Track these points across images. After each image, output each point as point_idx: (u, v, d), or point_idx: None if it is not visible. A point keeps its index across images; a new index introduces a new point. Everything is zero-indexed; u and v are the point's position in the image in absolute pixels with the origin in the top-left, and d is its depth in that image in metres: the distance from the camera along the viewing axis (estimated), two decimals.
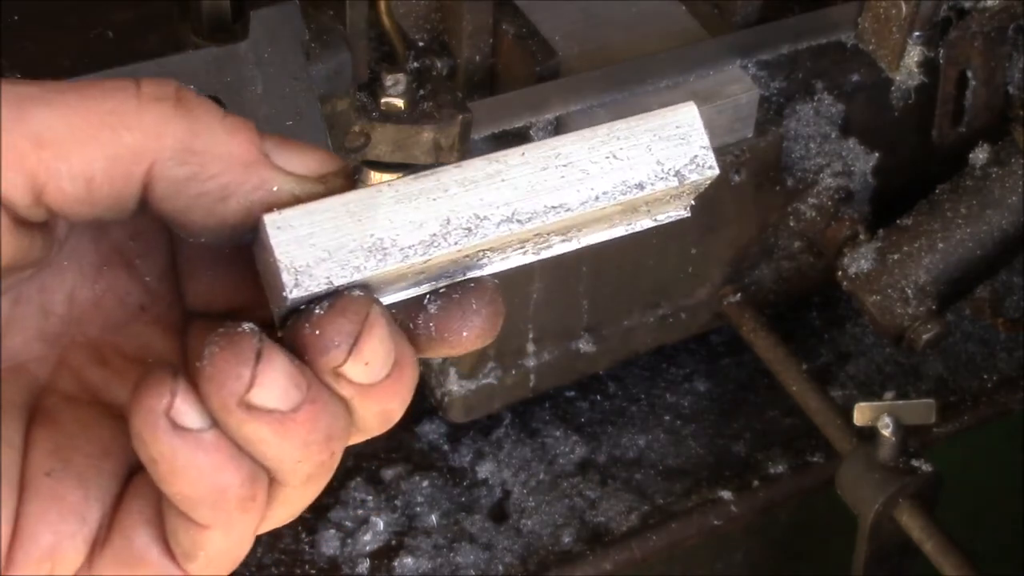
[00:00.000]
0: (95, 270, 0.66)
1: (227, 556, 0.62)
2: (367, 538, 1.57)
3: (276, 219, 0.60)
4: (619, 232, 0.70)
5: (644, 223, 0.70)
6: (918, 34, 1.58)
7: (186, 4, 1.20)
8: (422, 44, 1.50)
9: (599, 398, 1.71)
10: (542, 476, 1.63)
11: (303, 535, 1.57)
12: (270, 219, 0.60)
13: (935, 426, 1.59)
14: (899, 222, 1.59)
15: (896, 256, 1.56)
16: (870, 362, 1.75)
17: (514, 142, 1.52)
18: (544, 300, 1.54)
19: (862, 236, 1.59)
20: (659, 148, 0.66)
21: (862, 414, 1.47)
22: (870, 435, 1.48)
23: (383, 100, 1.34)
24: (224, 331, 0.59)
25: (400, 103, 1.34)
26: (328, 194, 0.61)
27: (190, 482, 0.59)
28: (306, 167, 0.62)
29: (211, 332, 0.60)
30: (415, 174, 0.63)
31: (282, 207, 0.61)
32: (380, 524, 1.57)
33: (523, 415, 1.67)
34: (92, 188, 0.58)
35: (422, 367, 1.56)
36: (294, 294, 0.60)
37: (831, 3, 1.64)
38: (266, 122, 1.20)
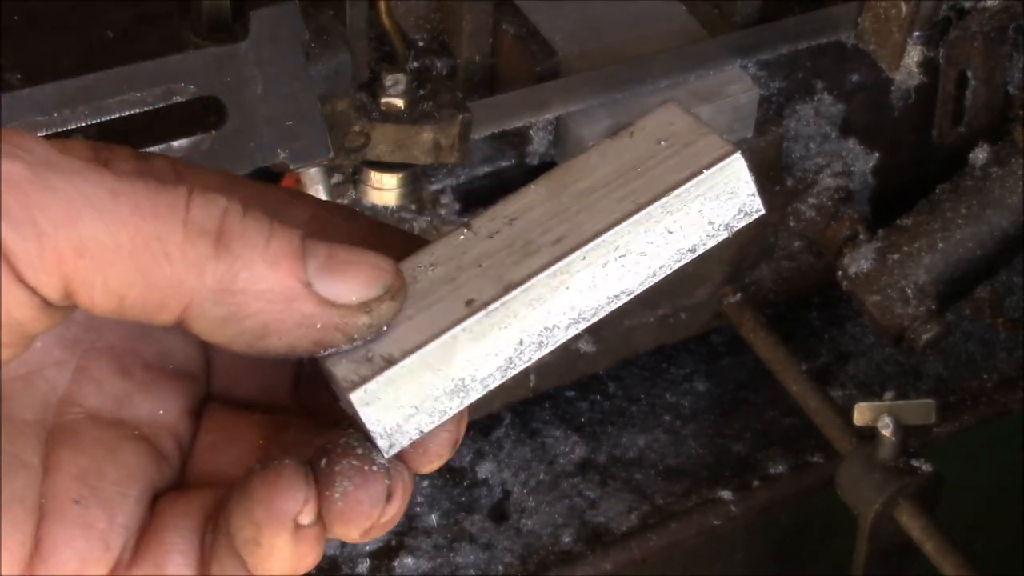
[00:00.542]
0: None
1: None
2: None
3: (362, 396, 0.62)
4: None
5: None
6: (918, 34, 1.58)
7: (186, 4, 1.20)
8: (422, 44, 1.49)
9: (599, 398, 1.71)
10: (542, 476, 1.63)
11: None
12: (357, 397, 0.62)
13: (935, 426, 1.59)
14: (899, 222, 1.59)
15: (896, 256, 1.56)
16: (870, 362, 1.75)
17: (514, 142, 1.53)
18: None
19: (862, 236, 1.59)
20: (710, 209, 0.67)
21: (862, 414, 1.47)
22: (870, 435, 1.48)
23: (383, 100, 1.34)
24: (358, 466, 0.62)
25: (400, 103, 1.34)
26: (374, 325, 0.62)
27: (282, 564, 0.62)
28: (352, 294, 0.61)
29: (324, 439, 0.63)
30: (485, 310, 0.63)
31: (326, 344, 0.61)
32: None
33: (523, 415, 1.67)
34: (124, 305, 0.58)
35: None
36: (391, 453, 0.63)
37: (831, 3, 1.64)
38: (266, 122, 1.20)
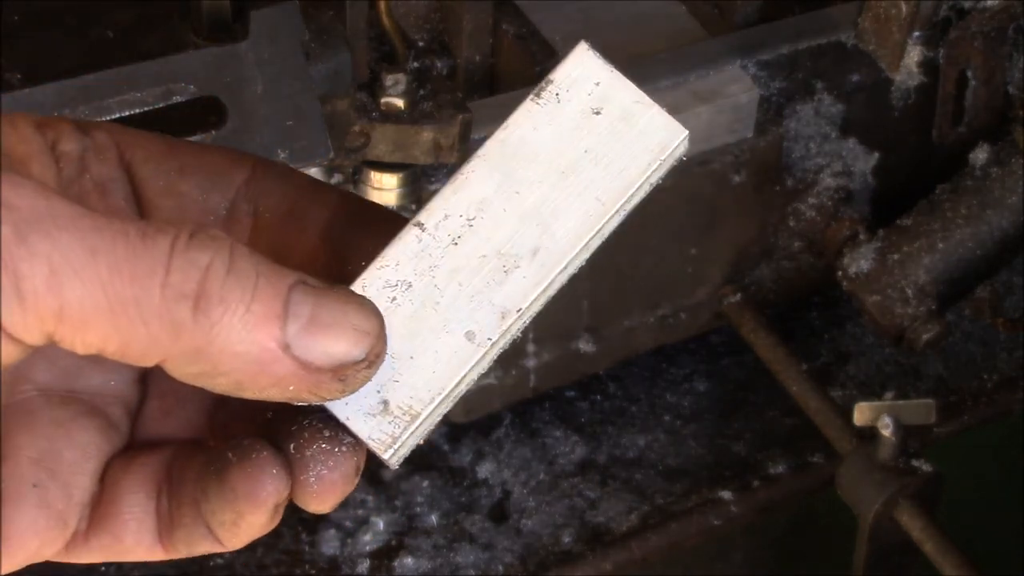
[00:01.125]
0: None
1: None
2: (367, 538, 1.57)
3: (394, 452, 0.62)
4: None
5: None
6: (918, 34, 1.58)
7: (186, 4, 1.20)
8: (422, 44, 1.50)
9: (599, 398, 1.71)
10: (542, 476, 1.63)
11: (303, 535, 1.57)
12: (389, 455, 0.62)
13: (935, 426, 1.59)
14: (899, 222, 1.59)
15: (896, 256, 1.56)
16: (870, 362, 1.75)
17: None
18: None
19: (862, 236, 1.59)
20: (656, 179, 0.64)
21: (862, 414, 1.47)
22: (870, 435, 1.48)
23: (383, 100, 1.34)
24: (328, 449, 0.63)
25: (400, 103, 1.34)
26: (347, 391, 0.61)
27: (252, 537, 0.64)
28: (329, 360, 0.60)
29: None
30: (490, 343, 0.62)
31: (299, 401, 0.61)
32: (380, 524, 1.57)
33: (523, 415, 1.67)
34: (104, 353, 0.58)
35: None
36: (396, 465, 0.63)
37: (831, 3, 1.64)
38: (266, 122, 1.20)
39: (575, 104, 0.63)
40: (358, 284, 0.63)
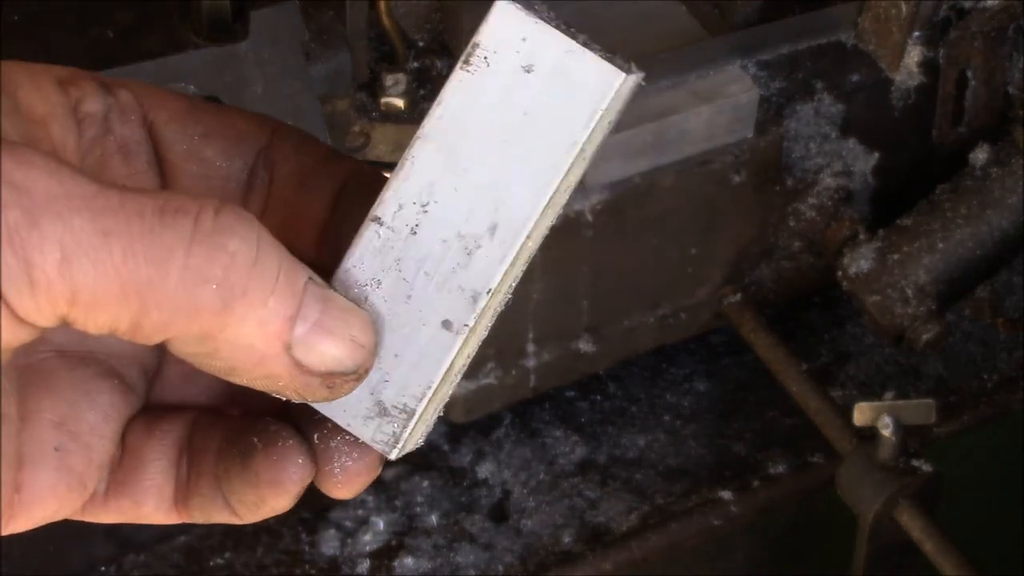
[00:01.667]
0: None
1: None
2: (367, 538, 1.57)
3: (398, 450, 0.62)
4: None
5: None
6: (918, 34, 1.58)
7: (186, 4, 1.20)
8: (422, 44, 1.50)
9: (599, 398, 1.71)
10: (542, 476, 1.63)
11: (303, 535, 1.57)
12: (394, 453, 0.62)
13: (935, 426, 1.59)
14: (899, 222, 1.59)
15: (896, 256, 1.56)
16: (870, 362, 1.75)
17: None
18: (544, 300, 1.54)
19: (862, 236, 1.59)
20: (609, 126, 0.61)
21: (862, 414, 1.47)
22: (870, 435, 1.48)
23: (383, 100, 1.35)
24: (352, 440, 0.63)
25: (400, 103, 1.34)
26: (329, 399, 0.61)
27: (270, 516, 0.64)
28: (323, 366, 0.60)
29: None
30: (467, 328, 0.62)
31: (282, 395, 0.61)
32: (380, 524, 1.57)
33: (523, 415, 1.67)
34: (115, 333, 0.58)
35: None
36: (395, 456, 0.63)
37: (831, 3, 1.64)
38: None
39: (505, 65, 0.60)
40: (333, 283, 0.62)
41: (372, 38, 1.40)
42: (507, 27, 0.59)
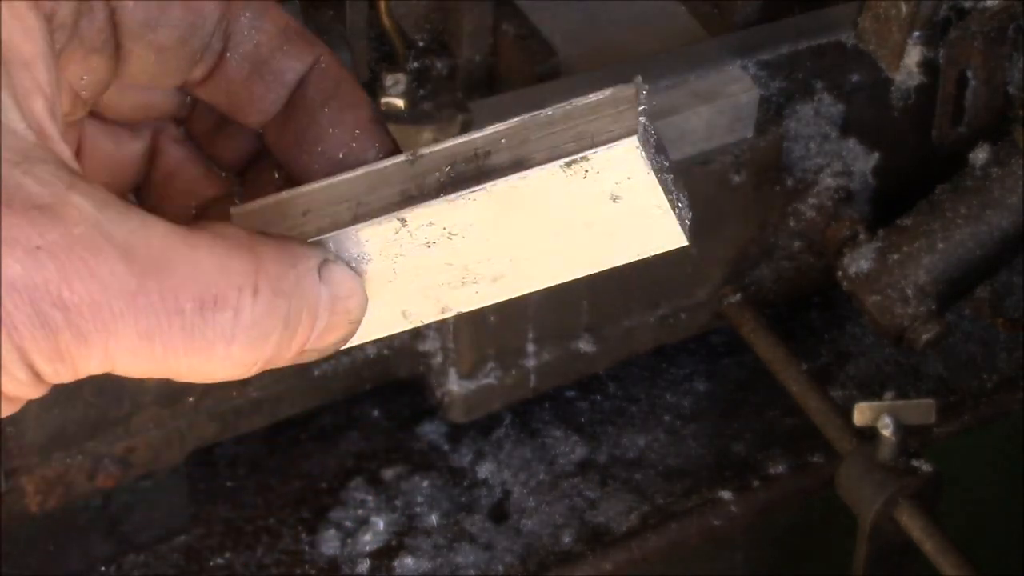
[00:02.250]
0: None
1: None
2: (367, 538, 1.57)
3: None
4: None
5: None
6: (918, 34, 1.58)
7: None
8: (422, 44, 1.50)
9: (599, 398, 1.71)
10: (542, 476, 1.63)
11: (303, 535, 1.57)
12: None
13: (935, 426, 1.59)
14: (899, 222, 1.59)
15: (896, 256, 1.56)
16: (870, 362, 1.75)
17: None
18: (544, 300, 1.54)
19: (862, 236, 1.59)
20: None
21: (862, 414, 1.47)
22: (870, 435, 1.48)
23: (383, 100, 1.35)
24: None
25: (400, 103, 1.34)
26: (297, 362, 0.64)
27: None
28: (323, 352, 0.64)
29: None
30: (421, 323, 0.68)
31: None
32: (380, 524, 1.57)
33: (523, 415, 1.67)
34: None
35: (422, 367, 1.56)
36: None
37: (831, 3, 1.64)
38: None
39: (599, 185, 0.63)
40: (329, 239, 0.64)
41: (372, 38, 1.40)
42: (623, 161, 0.62)
